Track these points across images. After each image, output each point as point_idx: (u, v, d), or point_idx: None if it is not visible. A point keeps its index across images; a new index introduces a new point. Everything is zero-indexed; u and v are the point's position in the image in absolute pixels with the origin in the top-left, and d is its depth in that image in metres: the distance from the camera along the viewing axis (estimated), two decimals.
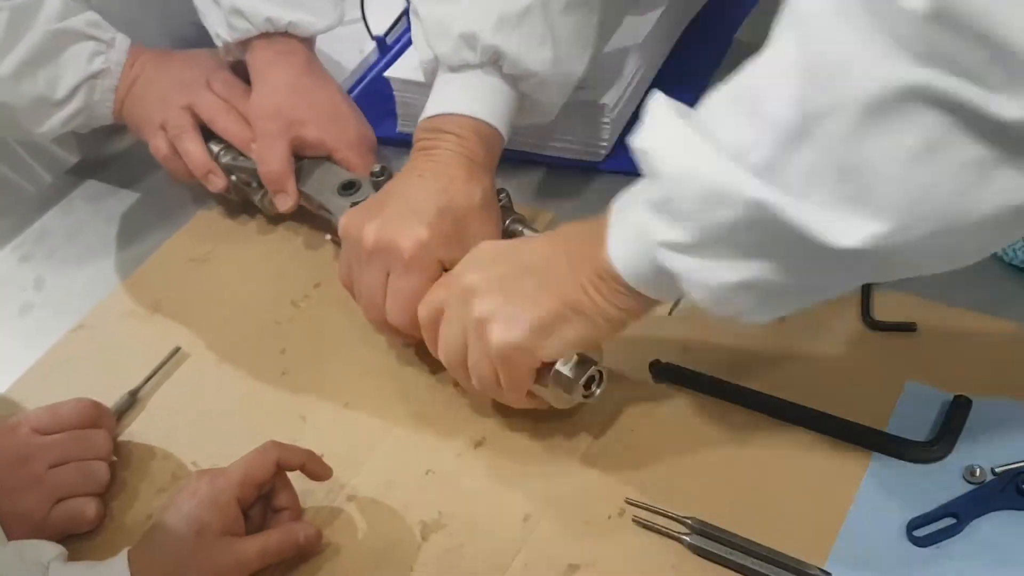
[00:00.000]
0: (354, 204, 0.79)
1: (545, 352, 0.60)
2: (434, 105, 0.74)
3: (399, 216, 0.68)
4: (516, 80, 0.73)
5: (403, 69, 0.91)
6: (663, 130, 0.52)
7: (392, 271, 0.68)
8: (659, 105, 0.54)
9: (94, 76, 0.86)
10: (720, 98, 0.51)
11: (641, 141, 0.53)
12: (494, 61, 0.72)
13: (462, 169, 0.71)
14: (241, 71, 0.91)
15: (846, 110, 0.44)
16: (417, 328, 0.68)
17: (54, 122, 0.87)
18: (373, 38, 1.02)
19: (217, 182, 0.87)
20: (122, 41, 0.88)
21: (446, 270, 0.68)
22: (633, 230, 0.54)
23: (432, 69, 0.76)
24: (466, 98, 0.73)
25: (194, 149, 0.87)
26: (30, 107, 0.86)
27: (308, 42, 0.89)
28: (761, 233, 0.48)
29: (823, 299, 0.54)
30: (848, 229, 0.45)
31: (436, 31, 0.73)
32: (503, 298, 0.60)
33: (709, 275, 0.51)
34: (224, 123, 0.87)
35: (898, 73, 0.42)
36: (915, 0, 0.40)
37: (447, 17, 0.73)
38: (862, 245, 0.45)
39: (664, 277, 0.53)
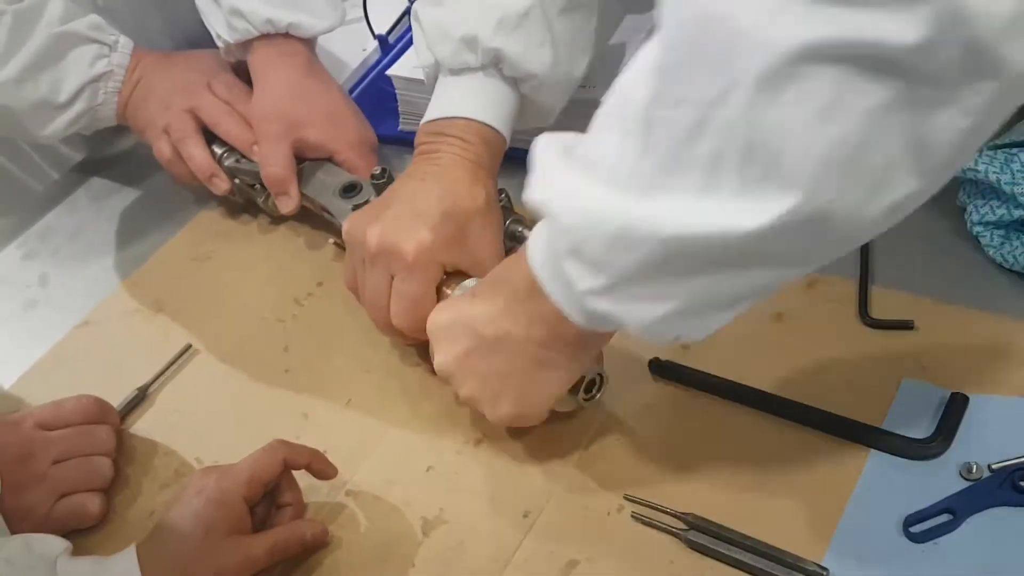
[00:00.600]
0: (355, 206, 0.79)
1: (540, 414, 0.63)
2: (435, 108, 0.75)
3: (402, 219, 0.69)
4: (517, 82, 0.74)
5: (405, 67, 0.91)
6: (552, 176, 0.51)
7: (396, 274, 0.68)
8: (544, 148, 0.53)
9: (97, 79, 0.87)
10: (603, 115, 0.49)
11: (534, 192, 0.52)
12: (495, 63, 0.72)
13: (465, 172, 0.71)
14: (243, 71, 0.91)
15: (739, 91, 0.41)
16: (419, 331, 0.68)
17: (58, 125, 0.88)
18: (375, 37, 1.03)
19: (221, 185, 0.87)
20: (125, 44, 0.88)
21: (447, 273, 0.69)
22: (559, 281, 0.53)
23: (433, 73, 0.76)
24: (467, 101, 0.73)
25: (197, 153, 0.87)
26: (33, 111, 0.86)
27: (309, 43, 0.90)
28: (675, 257, 0.47)
29: (763, 298, 0.51)
30: (758, 210, 0.43)
31: (436, 35, 0.74)
32: (478, 383, 0.62)
33: (639, 313, 0.50)
34: (226, 126, 0.87)
35: (790, 36, 0.40)
36: None
37: (447, 21, 0.73)
38: (775, 222, 0.43)
39: (596, 316, 0.53)
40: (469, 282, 0.68)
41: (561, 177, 0.51)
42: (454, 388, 0.63)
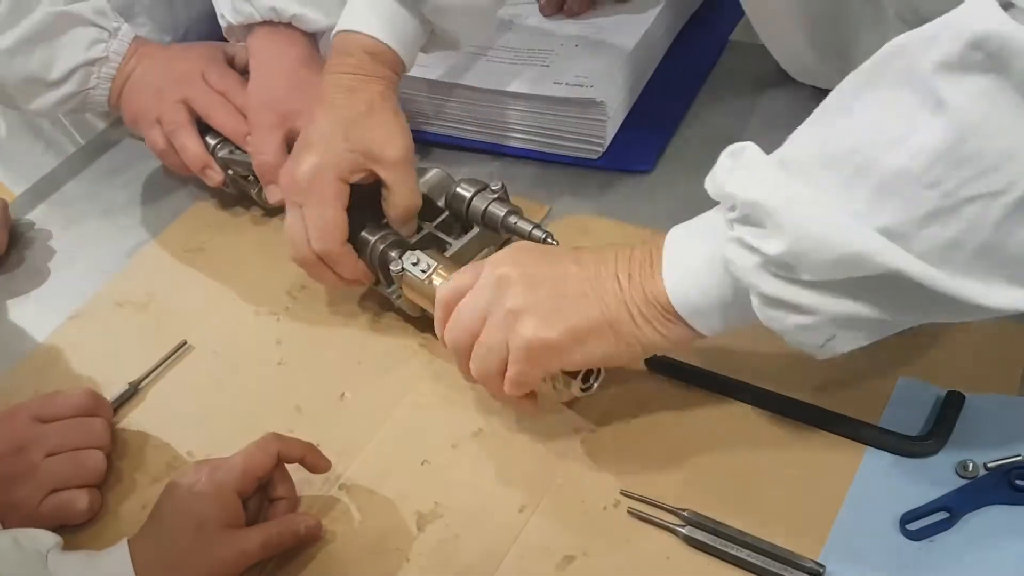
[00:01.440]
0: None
1: (571, 359, 0.59)
2: (339, 23, 0.77)
3: (297, 152, 0.73)
4: (415, 3, 0.75)
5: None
6: (771, 183, 0.51)
7: (303, 205, 0.72)
8: (745, 151, 0.54)
9: (91, 63, 0.87)
10: (825, 154, 0.50)
11: (744, 189, 0.51)
12: None
13: (343, 86, 0.74)
14: (238, 65, 0.91)
15: (999, 200, 0.46)
16: (337, 249, 0.72)
17: (46, 101, 0.88)
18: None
19: (214, 176, 0.87)
20: (126, 32, 0.88)
21: (351, 185, 0.72)
22: (710, 265, 0.54)
23: None
24: (362, 18, 0.75)
25: (190, 144, 0.86)
26: (24, 84, 0.87)
27: (311, 36, 0.89)
28: (895, 287, 0.49)
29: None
30: (991, 294, 0.48)
31: None
32: (543, 294, 0.58)
33: (824, 308, 0.51)
34: (220, 117, 0.87)
35: None
36: None
37: None
38: (1009, 307, 0.48)
39: (723, 311, 0.55)
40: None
41: (776, 181, 0.51)
42: (502, 297, 0.59)
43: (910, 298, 0.49)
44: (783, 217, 0.50)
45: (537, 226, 0.74)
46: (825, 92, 0.53)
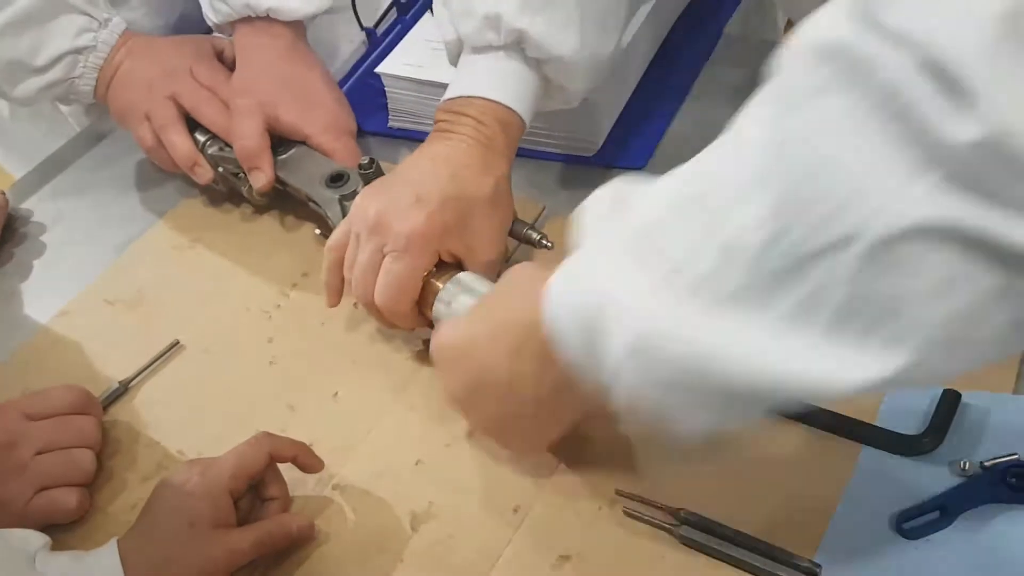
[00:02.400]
0: (342, 196, 0.78)
1: (549, 444, 0.62)
2: (455, 87, 0.73)
3: (404, 199, 0.68)
4: (540, 64, 0.72)
5: (394, 65, 0.90)
6: (615, 264, 0.47)
7: (388, 253, 0.67)
8: (601, 209, 0.51)
9: (79, 51, 0.86)
10: (678, 203, 0.45)
11: (590, 280, 0.48)
12: (518, 43, 0.70)
13: (477, 157, 0.70)
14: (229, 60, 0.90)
15: (849, 250, 0.39)
16: (401, 313, 0.68)
17: (28, 88, 0.87)
18: (363, 29, 1.02)
19: (203, 174, 0.86)
20: (116, 24, 0.87)
21: (441, 262, 0.68)
22: (590, 356, 0.49)
23: (455, 49, 0.75)
24: (487, 81, 0.71)
25: (180, 141, 0.86)
26: (6, 68, 0.86)
27: (295, 26, 0.89)
28: (747, 396, 0.45)
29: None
30: (857, 366, 0.41)
31: (461, 10, 0.72)
32: (488, 420, 0.61)
33: (678, 419, 0.48)
34: (208, 113, 0.86)
35: (915, 210, 0.38)
36: (964, 131, 0.36)
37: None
38: (876, 381, 0.41)
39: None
40: (464, 275, 0.67)
41: (620, 258, 0.46)
42: (463, 416, 0.62)
43: (771, 396, 0.45)
44: (618, 316, 0.46)
45: (531, 226, 0.73)
46: None
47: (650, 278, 0.45)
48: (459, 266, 0.69)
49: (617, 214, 0.49)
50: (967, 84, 0.36)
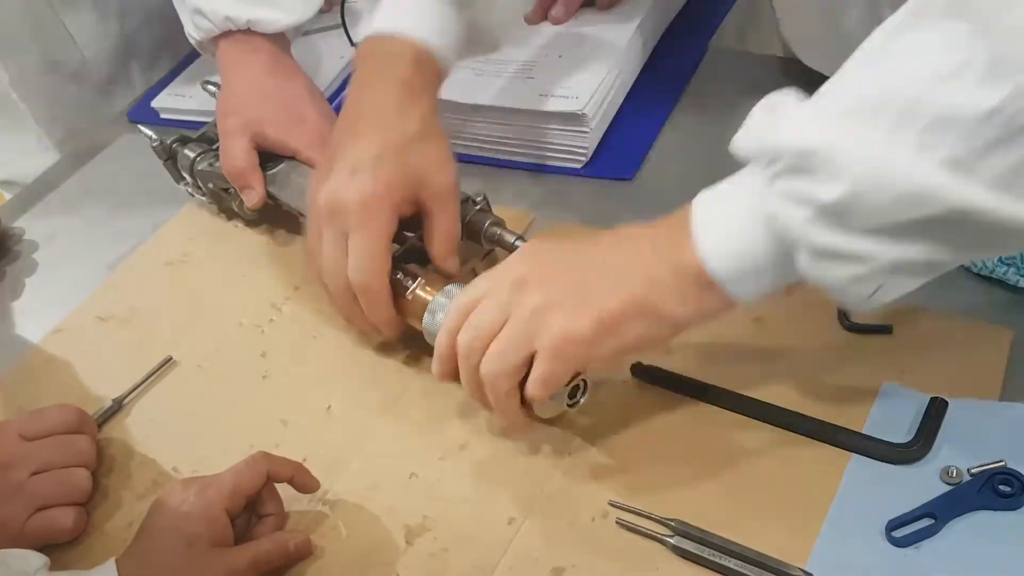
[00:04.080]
0: None
1: (602, 351, 0.57)
2: (376, 21, 0.72)
3: (342, 177, 0.67)
4: (461, 3, 0.72)
5: None
6: (818, 125, 0.49)
7: (348, 231, 0.67)
8: (784, 98, 0.52)
9: None
10: (869, 95, 0.48)
11: (804, 140, 0.49)
12: None
13: (393, 100, 0.69)
14: None
15: None
16: (380, 289, 0.67)
17: None
18: (353, 45, 1.02)
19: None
20: None
21: (402, 218, 0.68)
22: (748, 226, 0.52)
23: None
24: (402, 16, 0.71)
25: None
26: None
27: (278, 39, 0.89)
28: (951, 225, 0.47)
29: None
30: None
31: None
32: (565, 287, 0.57)
33: (885, 255, 0.49)
34: None
35: None
36: None
37: None
38: None
39: (763, 274, 0.53)
40: (452, 287, 0.68)
41: (824, 122, 0.49)
42: (523, 297, 0.58)
43: (975, 234, 0.48)
44: (839, 160, 0.48)
45: (520, 237, 0.74)
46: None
47: (869, 135, 0.47)
48: (444, 278, 0.70)
49: (807, 102, 0.51)
50: None
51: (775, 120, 0.51)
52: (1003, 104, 0.44)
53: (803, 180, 0.49)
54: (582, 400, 0.64)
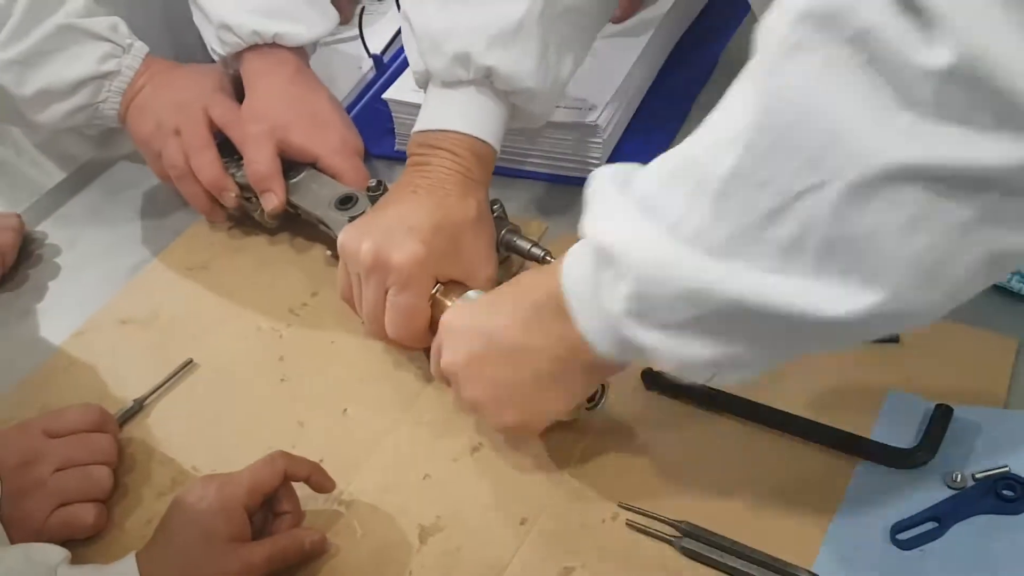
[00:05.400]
0: (351, 218, 0.80)
1: (542, 424, 0.64)
2: (427, 119, 0.76)
3: (395, 233, 0.70)
4: (508, 95, 0.75)
5: (401, 91, 0.92)
6: (612, 211, 0.51)
7: (390, 287, 0.70)
8: (601, 181, 0.53)
9: (103, 76, 0.88)
10: (671, 170, 0.49)
11: (597, 232, 0.52)
12: (487, 77, 0.73)
13: (456, 185, 0.73)
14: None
15: (829, 190, 0.42)
16: (416, 340, 0.71)
17: (54, 113, 0.89)
18: (370, 56, 1.04)
19: (230, 199, 0.88)
20: (139, 49, 0.90)
21: (446, 283, 0.70)
22: (596, 309, 0.53)
23: (425, 80, 0.77)
24: (458, 114, 0.74)
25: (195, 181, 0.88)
26: (32, 95, 0.88)
27: (299, 52, 0.91)
28: (738, 317, 0.47)
29: (798, 358, 0.55)
30: (839, 299, 0.44)
31: (429, 46, 0.74)
32: (485, 388, 0.62)
33: (681, 352, 0.51)
34: (197, 160, 0.87)
35: (891, 151, 0.40)
36: (934, 59, 0.38)
37: (439, 32, 0.73)
38: (857, 314, 0.44)
39: (633, 349, 0.53)
40: (472, 293, 0.69)
41: (624, 216, 0.50)
42: (457, 390, 0.64)
43: (766, 328, 0.48)
44: (624, 258, 0.50)
45: (536, 244, 0.75)
46: None
47: (652, 233, 0.48)
48: (462, 285, 0.71)
49: (620, 188, 0.52)
50: (934, 12, 0.38)
51: (591, 202, 0.54)
52: (772, 174, 0.44)
53: (608, 274, 0.51)
54: (602, 403, 0.65)
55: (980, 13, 0.37)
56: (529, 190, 0.89)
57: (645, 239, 0.49)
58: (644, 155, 0.87)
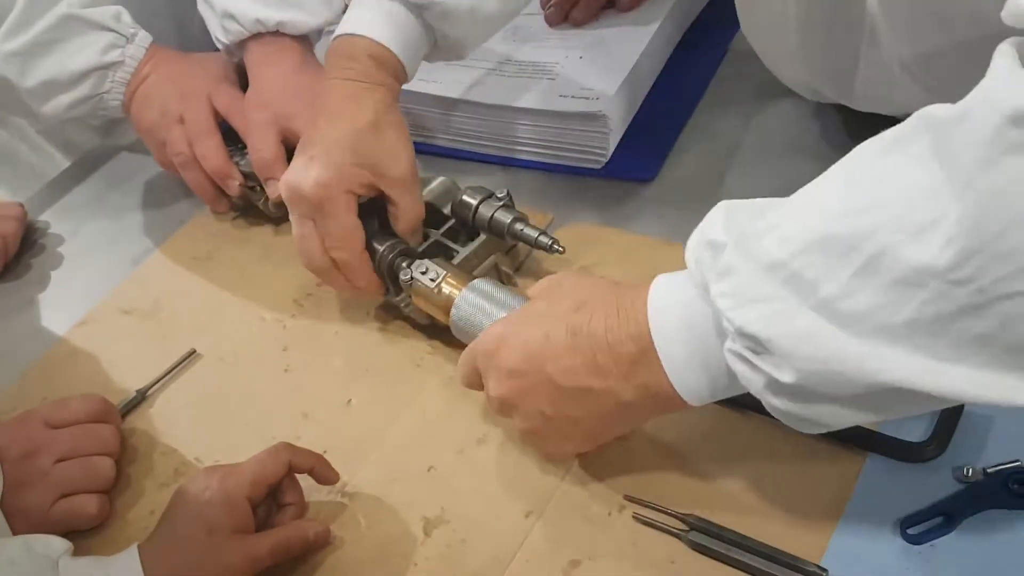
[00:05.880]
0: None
1: (593, 447, 0.64)
2: (340, 26, 0.76)
3: (299, 166, 0.72)
4: (420, 9, 0.74)
5: None
6: (776, 311, 0.47)
7: (314, 218, 0.71)
8: (740, 261, 0.48)
9: (106, 67, 0.88)
10: (822, 240, 0.45)
11: (749, 323, 0.47)
12: None
13: (347, 94, 0.73)
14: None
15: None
16: (357, 254, 0.72)
17: (58, 104, 0.88)
18: None
19: (234, 186, 0.88)
20: (143, 38, 0.89)
21: (360, 194, 0.72)
22: (713, 377, 0.52)
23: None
24: (359, 20, 0.74)
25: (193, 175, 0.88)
26: (36, 87, 0.87)
27: (303, 40, 0.90)
28: (904, 397, 0.46)
29: None
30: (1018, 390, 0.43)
31: None
32: (544, 423, 0.60)
33: (817, 417, 0.49)
34: (201, 148, 0.87)
35: None
36: None
37: None
38: None
39: (718, 392, 0.53)
40: (479, 282, 0.69)
41: (767, 295, 0.47)
42: (510, 419, 0.62)
43: (930, 404, 0.47)
44: (786, 351, 0.47)
45: (543, 232, 0.74)
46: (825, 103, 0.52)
47: (809, 317, 0.45)
48: (466, 274, 0.71)
49: (744, 253, 0.48)
50: None
51: (717, 276, 0.49)
52: (977, 274, 0.41)
53: (756, 356, 0.48)
54: None
55: None
56: (535, 180, 0.89)
57: (811, 328, 0.46)
58: (652, 145, 0.88)
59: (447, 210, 0.78)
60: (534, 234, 0.74)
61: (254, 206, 0.90)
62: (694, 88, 0.93)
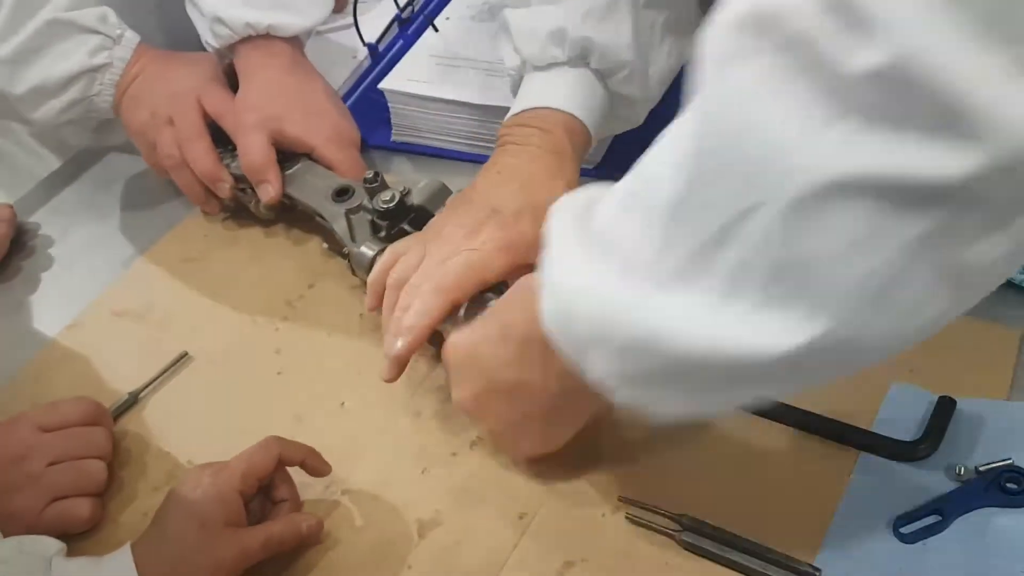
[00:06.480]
0: (348, 210, 0.79)
1: (558, 445, 0.63)
2: (519, 103, 0.74)
3: (479, 214, 0.69)
4: (604, 75, 0.73)
5: (397, 81, 0.92)
6: (567, 256, 0.50)
7: (468, 251, 0.68)
8: (561, 216, 0.52)
9: (95, 69, 0.87)
10: (622, 198, 0.48)
11: (550, 271, 0.51)
12: (582, 56, 0.72)
13: (543, 164, 0.70)
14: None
15: (770, 209, 0.39)
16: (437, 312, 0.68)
17: (49, 110, 0.88)
18: (365, 45, 1.03)
19: (225, 189, 0.87)
20: (130, 38, 0.89)
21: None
22: (576, 352, 0.51)
23: (519, 77, 0.76)
24: (551, 91, 0.73)
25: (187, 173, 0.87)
26: (26, 93, 0.87)
27: (294, 42, 0.90)
28: (693, 371, 0.46)
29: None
30: (784, 331, 0.41)
31: (524, 34, 0.73)
32: (497, 423, 0.63)
33: (657, 405, 0.51)
34: (190, 152, 0.87)
35: (830, 163, 0.37)
36: (867, 61, 0.35)
37: (534, 19, 0.73)
38: (804, 345, 0.41)
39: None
40: (490, 295, 0.69)
41: (581, 259, 0.49)
42: (474, 422, 0.64)
43: (714, 375, 0.46)
44: (578, 310, 0.49)
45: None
46: None
47: (609, 272, 0.47)
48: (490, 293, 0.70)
49: (578, 223, 0.51)
50: (866, 12, 0.35)
51: (557, 243, 0.51)
52: (714, 196, 0.41)
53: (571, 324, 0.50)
54: None
55: (915, 9, 0.34)
56: None
57: (589, 283, 0.48)
58: (646, 145, 0.88)
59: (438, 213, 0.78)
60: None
61: (245, 208, 0.89)
62: (688, 84, 0.93)
